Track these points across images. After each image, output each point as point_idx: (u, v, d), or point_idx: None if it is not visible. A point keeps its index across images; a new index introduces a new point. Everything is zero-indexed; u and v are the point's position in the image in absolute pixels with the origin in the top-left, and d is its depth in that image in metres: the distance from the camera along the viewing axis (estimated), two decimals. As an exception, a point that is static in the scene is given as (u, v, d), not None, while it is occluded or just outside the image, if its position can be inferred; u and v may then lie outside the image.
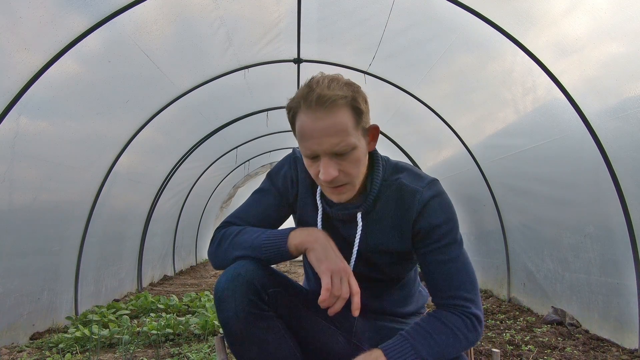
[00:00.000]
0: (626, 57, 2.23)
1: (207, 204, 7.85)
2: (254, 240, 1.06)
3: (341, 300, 0.96)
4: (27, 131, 2.63)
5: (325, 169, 0.95)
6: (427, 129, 4.69)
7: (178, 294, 4.64)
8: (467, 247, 5.18)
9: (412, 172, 1.12)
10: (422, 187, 1.06)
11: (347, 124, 0.94)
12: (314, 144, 0.94)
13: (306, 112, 0.94)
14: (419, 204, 1.04)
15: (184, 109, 4.13)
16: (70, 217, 3.41)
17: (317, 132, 0.93)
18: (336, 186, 1.00)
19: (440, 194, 1.07)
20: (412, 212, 1.05)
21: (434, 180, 1.09)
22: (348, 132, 0.94)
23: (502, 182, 3.87)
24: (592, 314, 2.87)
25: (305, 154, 0.99)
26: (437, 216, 1.04)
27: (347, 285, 0.97)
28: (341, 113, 0.94)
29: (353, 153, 0.97)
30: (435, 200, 1.05)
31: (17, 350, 2.66)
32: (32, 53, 2.36)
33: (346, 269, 0.98)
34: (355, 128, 0.97)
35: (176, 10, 2.85)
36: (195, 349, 2.64)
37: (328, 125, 0.93)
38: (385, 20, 3.09)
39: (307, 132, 0.95)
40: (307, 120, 0.94)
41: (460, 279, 1.03)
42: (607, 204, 2.62)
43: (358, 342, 1.19)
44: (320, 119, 0.93)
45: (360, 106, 0.98)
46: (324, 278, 0.96)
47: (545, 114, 2.95)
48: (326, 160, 0.95)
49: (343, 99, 0.94)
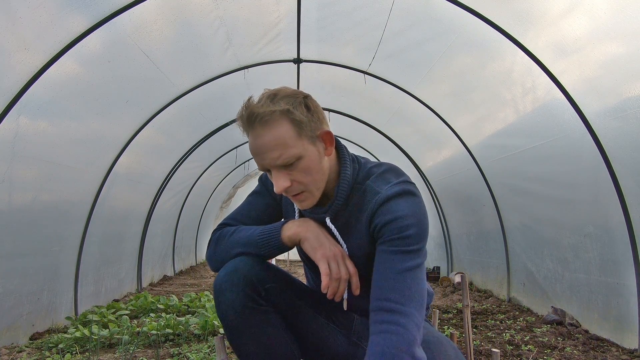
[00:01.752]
0: (626, 57, 2.23)
1: (207, 204, 7.85)
2: (249, 237, 1.09)
3: (343, 283, 1.01)
4: (27, 131, 2.63)
5: (276, 181, 0.99)
6: (427, 129, 4.69)
7: (178, 294, 4.64)
8: (467, 247, 5.22)
9: (382, 175, 1.07)
10: (385, 189, 1.02)
11: (284, 137, 0.95)
12: (260, 160, 0.99)
13: (247, 132, 0.99)
14: (376, 203, 1.01)
15: (184, 109, 4.13)
16: (70, 217, 3.41)
17: (258, 148, 0.97)
18: (294, 195, 1.02)
19: (404, 193, 1.00)
20: (369, 213, 1.03)
21: (403, 181, 1.03)
22: (287, 144, 0.95)
23: (502, 182, 3.87)
24: (592, 313, 2.87)
25: (259, 169, 1.04)
26: (392, 212, 0.97)
27: (344, 267, 1.03)
28: (277, 127, 0.95)
29: (300, 163, 0.98)
30: (395, 200, 0.99)
31: (17, 351, 2.65)
32: (31, 53, 2.36)
33: (341, 252, 1.04)
34: (297, 138, 0.96)
35: (176, 10, 2.85)
36: (195, 349, 2.64)
37: (265, 141, 0.95)
38: (385, 20, 3.09)
39: (252, 150, 0.99)
40: (250, 139, 0.99)
41: (400, 277, 0.92)
42: (607, 203, 2.62)
43: (357, 339, 1.19)
44: (258, 136, 0.96)
45: (297, 117, 0.96)
46: (321, 265, 1.01)
47: (545, 114, 2.96)
48: (275, 172, 0.99)
49: (273, 113, 0.95)
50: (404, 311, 0.89)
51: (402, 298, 0.90)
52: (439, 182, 5.23)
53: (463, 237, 5.06)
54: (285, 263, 9.09)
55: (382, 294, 0.92)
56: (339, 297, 1.01)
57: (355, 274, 1.03)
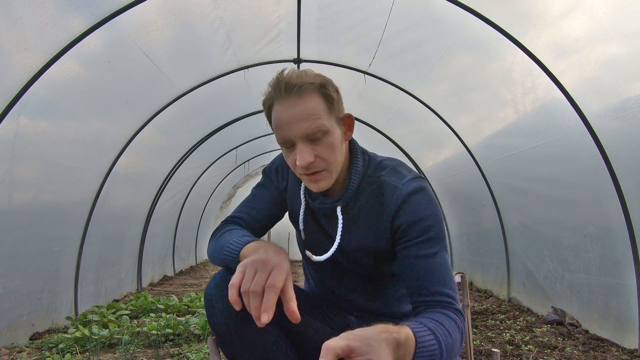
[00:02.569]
0: (626, 57, 2.23)
1: (207, 204, 7.85)
2: (220, 249, 1.05)
3: (253, 297, 0.79)
4: (27, 131, 2.63)
5: (301, 154, 0.96)
6: (427, 129, 4.69)
7: (178, 294, 4.64)
8: (467, 247, 5.23)
9: (395, 169, 1.09)
10: (403, 184, 1.03)
11: (317, 108, 0.97)
12: (288, 130, 0.96)
13: (279, 102, 0.98)
14: (398, 200, 1.02)
15: (184, 109, 4.13)
16: (70, 217, 3.41)
17: (289, 118, 0.96)
18: (313, 173, 1.00)
19: (422, 189, 1.03)
20: (391, 209, 1.03)
21: (417, 177, 1.06)
22: (319, 116, 0.96)
23: (502, 182, 3.87)
24: (592, 314, 2.87)
25: (281, 143, 1.00)
26: (417, 211, 1.00)
27: (263, 277, 0.81)
28: (311, 98, 0.97)
29: (327, 138, 0.98)
30: (415, 196, 1.01)
31: (17, 351, 2.65)
32: (32, 53, 2.36)
33: (269, 261, 0.83)
34: (327, 114, 0.99)
35: (176, 10, 2.85)
36: (195, 349, 2.64)
37: (299, 110, 0.95)
38: (385, 20, 3.09)
39: (281, 120, 0.97)
40: (280, 109, 0.97)
41: (443, 276, 0.98)
42: (607, 203, 2.62)
43: None
44: (292, 105, 0.96)
45: (330, 93, 0.99)
46: (235, 274, 0.83)
47: (545, 114, 2.96)
48: (301, 145, 0.97)
49: (311, 85, 0.97)
50: (455, 307, 0.95)
51: (450, 298, 0.96)
52: (439, 182, 5.23)
53: (463, 237, 5.06)
54: (285, 263, 9.09)
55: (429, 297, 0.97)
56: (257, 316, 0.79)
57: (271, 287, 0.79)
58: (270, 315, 0.78)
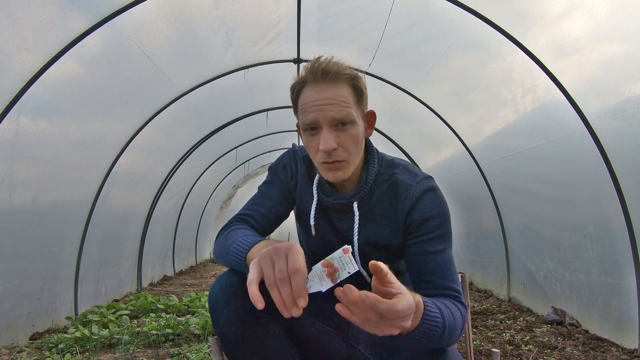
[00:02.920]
0: (625, 57, 2.23)
1: (207, 204, 7.85)
2: (227, 250, 1.02)
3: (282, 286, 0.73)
4: (27, 131, 2.63)
5: (325, 138, 0.98)
6: (427, 129, 4.69)
7: (178, 294, 4.64)
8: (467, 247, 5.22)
9: (407, 168, 1.14)
10: (416, 182, 1.09)
11: (348, 97, 1.00)
12: (317, 113, 0.98)
13: (311, 85, 1.00)
14: (413, 197, 1.07)
15: (184, 109, 4.13)
16: (70, 217, 3.41)
17: (321, 100, 0.98)
18: (333, 161, 1.01)
19: (434, 188, 1.09)
20: (406, 206, 1.08)
21: (428, 176, 1.12)
22: (349, 104, 1.00)
23: (502, 182, 3.87)
24: (592, 314, 2.87)
25: (306, 125, 1.02)
26: (430, 209, 1.05)
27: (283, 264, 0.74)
28: (344, 87, 1.00)
29: (352, 128, 1.01)
30: (429, 194, 1.07)
31: (17, 351, 2.65)
32: (32, 53, 2.36)
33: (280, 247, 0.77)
34: (356, 105, 1.02)
35: (176, 10, 2.85)
36: (195, 349, 2.64)
37: (331, 95, 0.98)
38: (385, 20, 3.09)
39: (311, 102, 0.99)
40: (311, 92, 1.00)
41: (451, 271, 1.03)
42: (607, 203, 2.62)
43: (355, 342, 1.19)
44: (325, 90, 0.99)
45: (361, 86, 1.03)
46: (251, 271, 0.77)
47: (545, 114, 2.96)
48: (327, 131, 0.99)
49: (346, 75, 1.00)
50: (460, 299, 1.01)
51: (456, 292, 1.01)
52: (439, 182, 5.14)
53: (463, 237, 5.06)
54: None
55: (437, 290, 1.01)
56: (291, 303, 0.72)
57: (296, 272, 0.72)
58: (306, 298, 0.72)
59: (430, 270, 1.02)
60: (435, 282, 1.01)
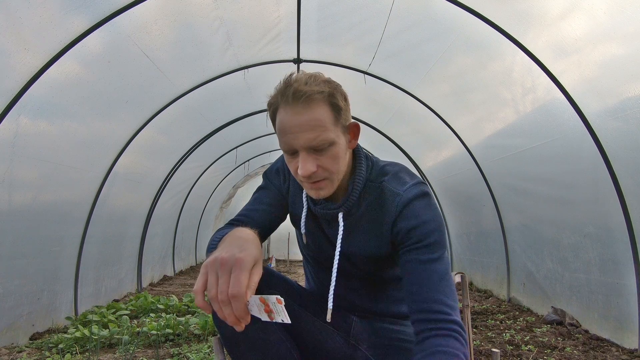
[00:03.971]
0: (625, 57, 2.23)
1: (207, 204, 7.85)
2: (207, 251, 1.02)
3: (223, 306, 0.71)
4: (27, 131, 2.63)
5: (303, 164, 0.95)
6: (427, 129, 4.69)
7: (178, 294, 4.63)
8: (467, 247, 5.22)
9: (397, 175, 1.08)
10: (404, 190, 1.03)
11: (324, 119, 0.94)
12: (292, 139, 0.94)
13: (284, 108, 0.95)
14: (399, 206, 1.02)
15: (184, 109, 4.13)
16: (70, 217, 3.41)
17: (294, 127, 0.93)
18: (315, 181, 0.99)
19: (422, 195, 1.02)
20: (391, 216, 1.03)
21: (419, 183, 1.06)
22: (326, 127, 0.94)
23: (502, 182, 3.87)
24: (592, 314, 2.87)
25: (284, 150, 0.98)
26: (417, 217, 0.99)
27: (225, 282, 0.72)
28: (319, 108, 0.94)
29: (331, 149, 0.96)
30: (416, 202, 1.01)
31: (17, 351, 2.65)
32: (32, 53, 2.36)
33: (227, 260, 0.74)
34: (333, 124, 0.96)
35: (176, 10, 2.85)
36: (195, 349, 2.64)
37: (305, 120, 0.93)
38: (385, 20, 3.09)
39: (285, 127, 0.95)
40: (285, 116, 0.94)
41: (443, 282, 0.95)
42: (607, 203, 2.62)
43: (356, 342, 1.19)
44: (298, 113, 0.93)
45: (339, 102, 0.97)
46: (198, 278, 0.76)
47: (545, 114, 2.96)
48: (304, 155, 0.95)
49: (320, 94, 0.94)
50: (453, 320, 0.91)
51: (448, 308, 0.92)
52: (439, 182, 5.23)
53: (463, 237, 5.06)
54: (285, 263, 9.10)
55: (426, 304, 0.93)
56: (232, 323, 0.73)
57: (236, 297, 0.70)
58: (247, 319, 0.73)
59: (419, 281, 0.96)
60: (424, 295, 0.94)
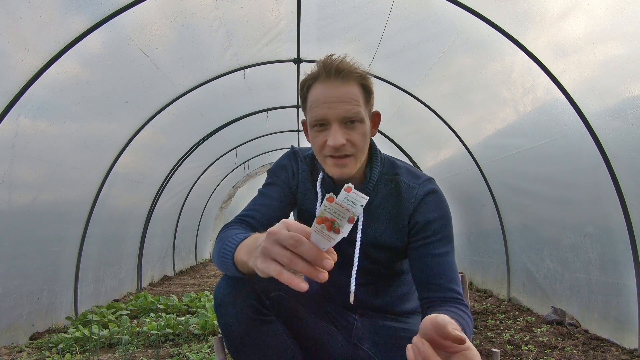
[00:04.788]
0: (625, 57, 2.23)
1: (207, 204, 7.85)
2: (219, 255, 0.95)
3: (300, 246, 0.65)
4: (27, 131, 2.63)
5: (335, 135, 1.00)
6: (427, 129, 4.69)
7: (178, 294, 4.63)
8: (467, 246, 5.21)
9: (409, 170, 1.17)
10: (419, 185, 1.11)
11: (358, 96, 1.03)
12: (327, 110, 1.00)
13: (324, 81, 1.02)
14: (416, 199, 1.10)
15: (184, 109, 4.13)
16: (70, 217, 3.41)
17: (332, 97, 1.00)
18: (340, 156, 1.03)
19: (436, 191, 1.11)
20: (409, 208, 1.10)
21: (430, 178, 1.15)
22: (359, 103, 1.02)
23: (502, 182, 3.87)
24: (592, 313, 2.87)
25: (315, 121, 1.03)
26: (433, 211, 1.08)
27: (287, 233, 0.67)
28: (354, 86, 1.03)
29: (361, 126, 1.03)
30: (432, 197, 1.10)
31: (17, 351, 2.65)
32: (32, 53, 2.35)
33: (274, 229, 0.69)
34: (365, 104, 1.05)
35: (176, 10, 2.85)
36: (195, 349, 2.64)
37: (343, 92, 1.00)
38: (385, 20, 3.09)
39: (322, 98, 1.01)
40: (323, 88, 1.02)
41: (453, 273, 1.05)
42: (607, 203, 2.62)
43: (357, 342, 1.19)
44: (337, 86, 1.01)
45: (370, 86, 1.06)
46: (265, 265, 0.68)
47: (545, 114, 2.96)
48: (336, 126, 1.01)
49: (358, 74, 1.03)
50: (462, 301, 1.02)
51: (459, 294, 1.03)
52: (439, 182, 5.14)
53: (463, 237, 5.06)
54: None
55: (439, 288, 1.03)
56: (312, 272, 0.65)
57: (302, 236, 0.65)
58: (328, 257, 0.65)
59: (434, 273, 1.04)
60: (439, 285, 1.03)
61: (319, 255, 0.64)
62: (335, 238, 0.68)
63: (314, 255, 0.64)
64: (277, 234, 0.67)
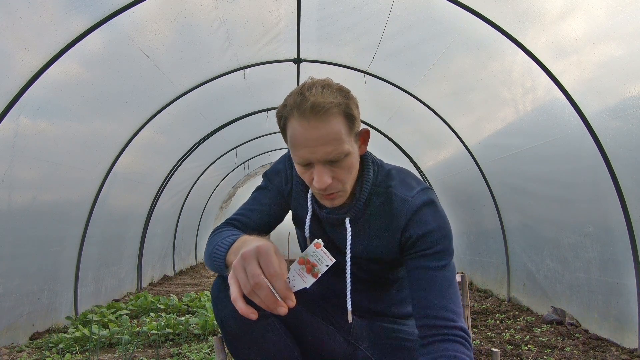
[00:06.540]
0: (625, 57, 2.23)
1: (207, 204, 7.85)
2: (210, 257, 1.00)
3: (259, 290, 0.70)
4: (27, 131, 2.63)
5: (320, 176, 0.94)
6: (427, 129, 4.69)
7: (178, 294, 4.63)
8: (467, 246, 5.22)
9: (404, 180, 1.10)
10: (412, 197, 1.04)
11: (340, 131, 0.93)
12: (308, 153, 0.93)
13: (299, 120, 0.92)
14: (408, 212, 1.03)
15: (184, 109, 4.13)
16: (70, 217, 3.41)
17: (311, 140, 0.91)
18: (330, 193, 0.99)
19: (431, 202, 1.04)
20: (401, 222, 1.04)
21: (426, 188, 1.07)
22: (342, 140, 0.93)
23: (502, 181, 3.88)
24: (592, 313, 2.87)
25: (298, 162, 0.97)
26: (427, 224, 1.01)
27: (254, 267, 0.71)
28: (335, 121, 0.92)
29: (346, 160, 0.96)
30: (425, 209, 1.02)
31: (17, 351, 2.65)
32: (32, 53, 2.35)
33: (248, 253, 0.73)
34: (348, 135, 0.96)
35: (176, 10, 2.85)
36: (195, 349, 2.64)
37: (322, 134, 0.91)
38: (385, 19, 3.09)
39: (301, 141, 0.93)
40: (300, 129, 0.92)
41: (449, 289, 0.97)
42: (607, 203, 2.62)
43: (356, 341, 1.19)
44: (315, 127, 0.90)
45: (353, 112, 0.96)
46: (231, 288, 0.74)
47: (545, 114, 2.96)
48: (320, 167, 0.94)
49: (337, 107, 0.92)
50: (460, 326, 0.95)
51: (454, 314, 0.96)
52: (439, 181, 5.23)
53: (463, 236, 5.06)
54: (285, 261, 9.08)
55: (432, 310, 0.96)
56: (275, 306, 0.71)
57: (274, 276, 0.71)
58: (293, 299, 0.71)
59: (425, 288, 0.97)
60: (431, 301, 0.96)
61: (275, 303, 0.70)
62: (310, 281, 0.75)
63: (269, 302, 0.70)
64: (247, 263, 0.72)
